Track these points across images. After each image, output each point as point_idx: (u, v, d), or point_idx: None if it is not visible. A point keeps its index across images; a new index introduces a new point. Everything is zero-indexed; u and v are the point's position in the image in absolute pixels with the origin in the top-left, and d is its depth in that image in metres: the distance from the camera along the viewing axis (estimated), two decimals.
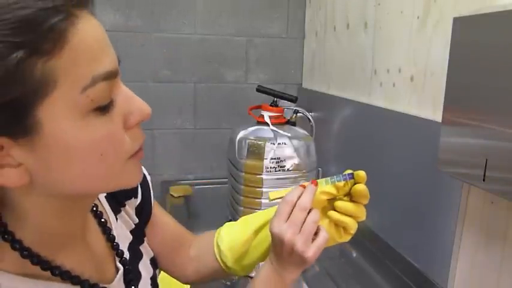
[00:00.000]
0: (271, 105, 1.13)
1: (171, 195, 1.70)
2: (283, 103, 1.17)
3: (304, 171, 1.06)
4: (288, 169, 1.04)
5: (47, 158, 0.37)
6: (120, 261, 0.56)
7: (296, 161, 1.04)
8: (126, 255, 0.58)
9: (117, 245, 0.57)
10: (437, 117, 0.97)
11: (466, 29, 0.74)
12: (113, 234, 0.57)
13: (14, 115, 0.34)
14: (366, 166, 1.33)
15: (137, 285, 0.59)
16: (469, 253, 0.90)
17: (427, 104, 1.04)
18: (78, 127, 0.37)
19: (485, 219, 0.85)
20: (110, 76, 0.38)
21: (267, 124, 1.09)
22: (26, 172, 0.38)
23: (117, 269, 0.55)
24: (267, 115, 1.10)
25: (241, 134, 1.08)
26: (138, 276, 0.61)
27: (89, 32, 0.37)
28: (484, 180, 0.70)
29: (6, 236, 0.41)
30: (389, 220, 1.19)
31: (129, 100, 0.42)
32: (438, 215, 0.97)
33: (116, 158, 0.41)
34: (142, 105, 0.43)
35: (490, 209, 0.84)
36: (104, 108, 0.39)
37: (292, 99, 1.16)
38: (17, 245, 0.42)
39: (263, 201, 1.04)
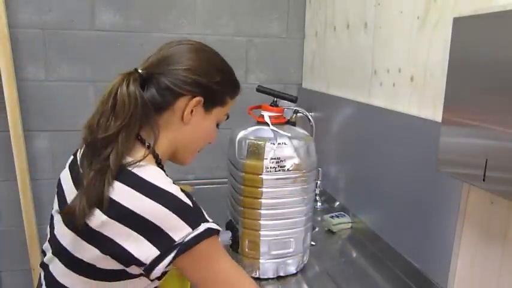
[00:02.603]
0: (271, 105, 1.13)
1: None
2: (283, 103, 1.17)
3: (304, 171, 1.06)
4: (288, 169, 1.04)
5: (196, 124, 0.80)
6: None
7: (296, 161, 1.04)
8: None
9: None
10: (437, 117, 0.97)
11: (466, 29, 0.74)
12: None
13: (212, 102, 0.81)
14: (365, 166, 1.33)
15: None
16: (469, 253, 0.90)
17: (427, 104, 1.04)
18: (210, 125, 0.85)
19: (485, 219, 0.85)
20: (228, 116, 0.88)
21: (267, 124, 1.09)
22: (188, 119, 0.79)
23: None
24: (267, 115, 1.10)
25: (241, 134, 1.08)
26: None
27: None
28: (484, 180, 0.70)
29: (155, 154, 0.76)
30: (390, 220, 1.19)
31: (216, 130, 0.87)
32: (438, 215, 0.97)
33: (200, 146, 0.87)
34: (215, 136, 0.88)
35: (490, 209, 0.84)
36: (217, 126, 0.87)
37: (292, 99, 1.16)
38: (159, 160, 0.78)
39: (263, 201, 1.04)
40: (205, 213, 0.71)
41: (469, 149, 0.74)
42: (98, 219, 0.65)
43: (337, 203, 1.54)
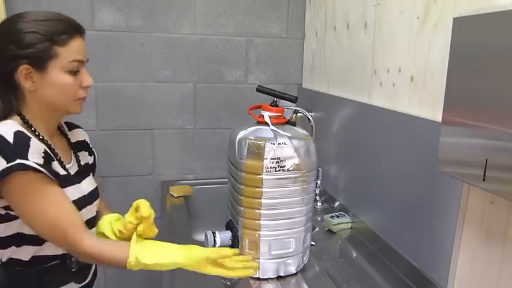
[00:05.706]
0: (271, 105, 1.13)
1: (171, 195, 1.70)
2: (283, 103, 1.17)
3: (304, 171, 1.06)
4: (288, 169, 1.04)
5: (44, 84, 0.88)
6: (74, 155, 1.02)
7: (296, 161, 1.04)
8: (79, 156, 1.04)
9: (74, 146, 1.04)
10: (437, 117, 0.97)
11: (466, 29, 0.74)
12: (72, 142, 1.04)
13: (38, 62, 0.86)
14: (365, 166, 1.33)
15: (85, 176, 1.02)
16: (469, 253, 0.90)
17: (427, 104, 1.04)
18: (57, 78, 0.88)
19: (485, 219, 0.85)
20: (80, 60, 0.92)
21: (267, 124, 1.09)
22: (30, 85, 0.87)
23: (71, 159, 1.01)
24: (267, 115, 1.10)
25: (241, 134, 1.08)
26: (86, 173, 1.04)
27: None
28: (484, 180, 0.70)
29: (25, 119, 0.90)
30: (390, 220, 1.19)
31: (85, 75, 0.93)
32: (438, 215, 0.97)
33: (70, 96, 0.92)
34: (89, 79, 0.94)
35: (490, 209, 0.84)
36: (76, 72, 0.91)
37: (292, 99, 1.16)
38: (25, 119, 0.90)
39: (263, 201, 1.04)
40: (29, 153, 0.82)
41: (469, 149, 0.74)
42: None
43: (337, 203, 1.54)
